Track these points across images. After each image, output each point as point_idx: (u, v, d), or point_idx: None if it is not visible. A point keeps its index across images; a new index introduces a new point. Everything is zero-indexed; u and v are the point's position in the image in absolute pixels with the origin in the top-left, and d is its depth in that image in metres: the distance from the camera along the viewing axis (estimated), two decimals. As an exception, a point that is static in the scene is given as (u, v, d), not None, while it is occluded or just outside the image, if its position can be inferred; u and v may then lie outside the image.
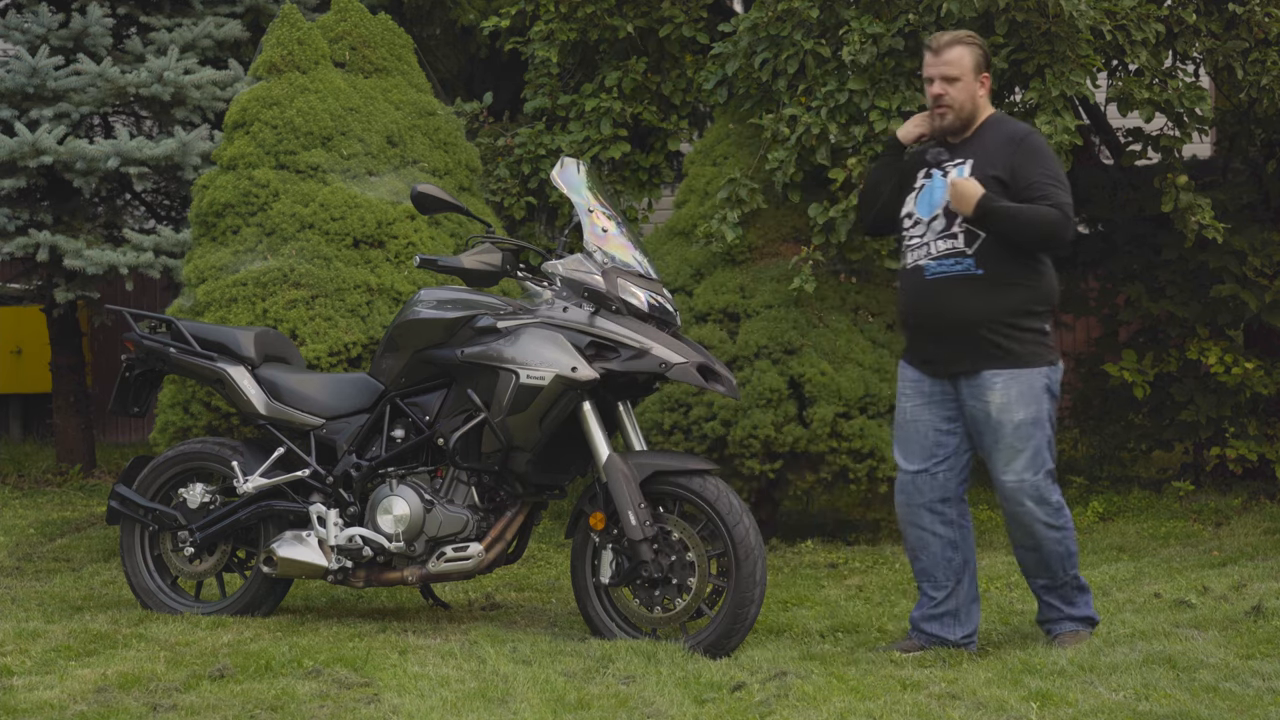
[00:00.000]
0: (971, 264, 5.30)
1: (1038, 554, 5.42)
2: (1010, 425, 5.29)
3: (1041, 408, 5.32)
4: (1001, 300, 5.29)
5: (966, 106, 5.41)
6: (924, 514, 5.48)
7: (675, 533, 5.53)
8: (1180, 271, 8.54)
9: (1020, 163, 5.31)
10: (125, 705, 4.77)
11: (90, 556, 7.47)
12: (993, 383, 5.30)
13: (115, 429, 12.76)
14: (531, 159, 8.45)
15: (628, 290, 5.64)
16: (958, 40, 5.43)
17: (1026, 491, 5.34)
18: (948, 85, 5.39)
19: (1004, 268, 5.30)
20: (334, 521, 5.88)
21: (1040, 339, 5.35)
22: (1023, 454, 5.31)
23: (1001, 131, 5.43)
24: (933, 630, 5.49)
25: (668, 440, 7.26)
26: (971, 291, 5.29)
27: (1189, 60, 7.80)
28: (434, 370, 5.86)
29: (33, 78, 9.11)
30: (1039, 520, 5.36)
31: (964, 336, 5.31)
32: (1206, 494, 8.62)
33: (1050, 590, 5.48)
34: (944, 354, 5.39)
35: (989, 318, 5.28)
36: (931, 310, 5.37)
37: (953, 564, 5.49)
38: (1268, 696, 4.76)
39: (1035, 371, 5.31)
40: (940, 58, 5.41)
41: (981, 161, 5.34)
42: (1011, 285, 5.31)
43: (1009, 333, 5.29)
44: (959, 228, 5.32)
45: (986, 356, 5.30)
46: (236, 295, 6.89)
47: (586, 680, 5.04)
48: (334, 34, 7.65)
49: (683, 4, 8.44)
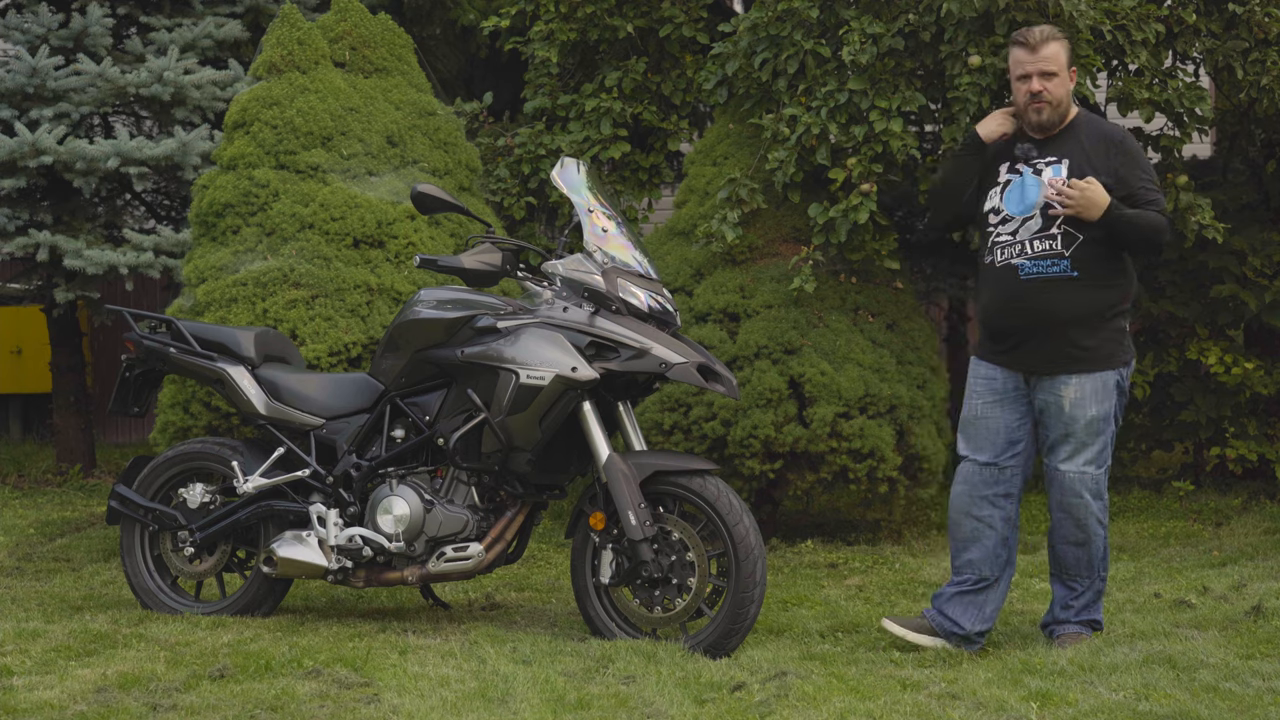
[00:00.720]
0: (1068, 265, 5.32)
1: (1085, 550, 5.45)
2: (1083, 420, 5.35)
3: (1111, 406, 5.39)
4: (1094, 302, 5.34)
5: (1065, 102, 5.41)
6: (986, 506, 5.50)
7: (675, 533, 5.53)
8: (1180, 271, 8.54)
9: (1122, 166, 5.34)
10: (125, 705, 4.77)
11: (90, 556, 7.47)
12: (1068, 379, 5.35)
13: (115, 429, 12.76)
14: (531, 159, 8.45)
15: (628, 290, 5.64)
16: (1054, 36, 5.41)
17: (1087, 484, 5.39)
18: (1046, 81, 5.37)
19: (1097, 269, 5.34)
20: (334, 521, 5.88)
21: (1120, 338, 5.42)
22: (1090, 448, 5.38)
23: (1097, 131, 5.42)
24: (952, 614, 5.49)
25: (668, 440, 7.26)
26: (1068, 293, 5.32)
27: (1189, 60, 7.80)
28: (434, 370, 5.86)
29: (33, 78, 9.11)
30: (1094, 515, 5.41)
31: (1056, 336, 5.35)
32: (1206, 494, 8.62)
33: (1078, 592, 5.50)
34: (1029, 351, 5.40)
35: (1081, 318, 5.33)
36: (1025, 309, 5.37)
37: (999, 560, 5.52)
38: (1268, 696, 4.76)
39: (1110, 372, 5.38)
40: (1038, 54, 5.37)
41: (1079, 162, 5.34)
42: (1104, 287, 5.36)
43: (1096, 333, 5.35)
44: (1058, 229, 5.32)
45: (1070, 356, 5.34)
46: (236, 295, 6.89)
47: (586, 680, 5.04)
48: (334, 34, 7.65)
49: (683, 4, 8.44)
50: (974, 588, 5.51)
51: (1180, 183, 7.39)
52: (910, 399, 7.36)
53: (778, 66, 7.43)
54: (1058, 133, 5.43)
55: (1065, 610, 5.52)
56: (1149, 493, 8.77)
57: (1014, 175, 5.44)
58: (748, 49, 7.55)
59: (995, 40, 6.99)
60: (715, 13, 8.88)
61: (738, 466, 7.22)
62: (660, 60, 8.57)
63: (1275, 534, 7.60)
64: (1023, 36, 5.43)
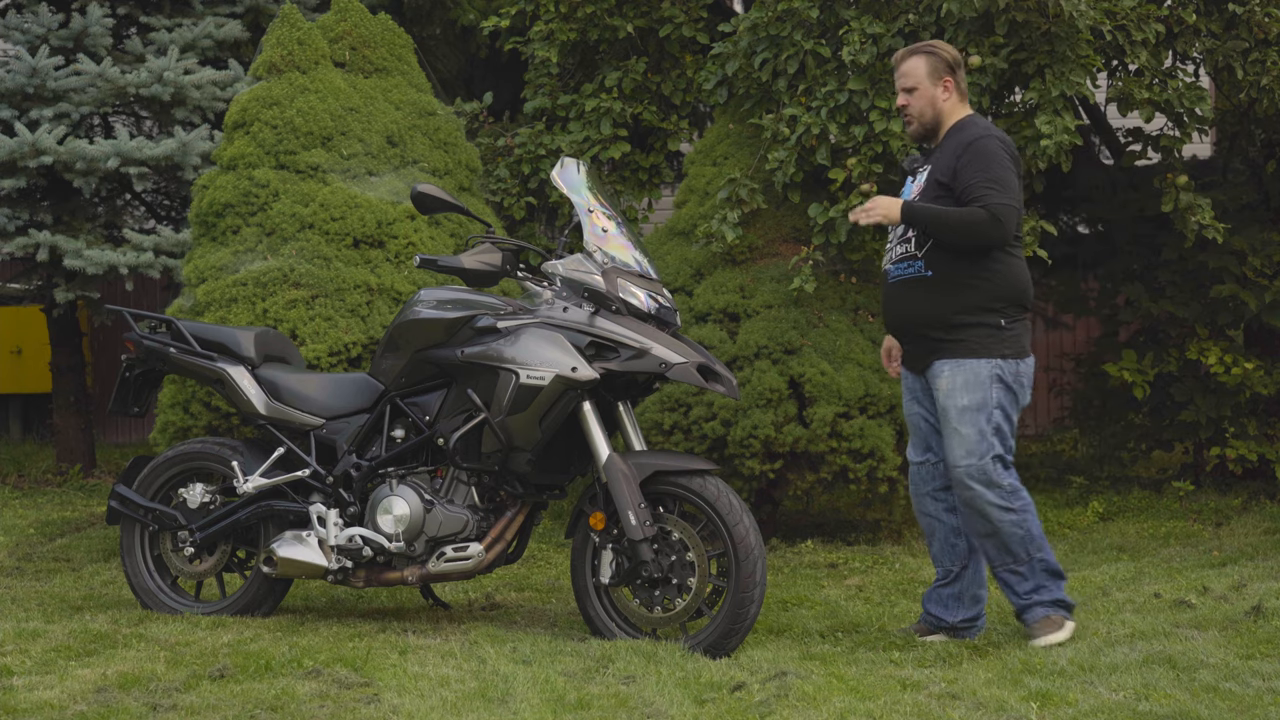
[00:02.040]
0: (921, 266, 5.53)
1: (996, 539, 5.52)
2: (955, 410, 5.47)
3: (988, 395, 5.46)
4: (950, 301, 5.48)
5: (927, 113, 5.63)
6: (929, 501, 5.70)
7: (675, 533, 5.53)
8: (1180, 271, 8.54)
9: (962, 166, 5.48)
10: (125, 705, 4.77)
11: (90, 556, 7.47)
12: (940, 371, 5.52)
13: (115, 429, 12.76)
14: (531, 159, 8.45)
15: (628, 290, 5.64)
16: (913, 51, 5.67)
17: (973, 475, 5.46)
18: (908, 96, 5.64)
19: (952, 268, 5.48)
20: (334, 521, 5.88)
21: (993, 333, 5.47)
22: (966, 439, 5.46)
23: (959, 137, 5.58)
24: (934, 610, 5.67)
25: (668, 440, 7.26)
26: (922, 293, 5.53)
27: (1189, 60, 7.80)
28: (434, 370, 5.86)
29: (33, 78, 9.11)
30: (990, 503, 5.47)
31: (918, 335, 5.57)
32: (1206, 494, 8.62)
33: (1019, 577, 5.53)
34: (909, 351, 5.67)
35: (937, 319, 5.50)
36: (893, 311, 5.66)
37: (957, 549, 5.66)
38: (1268, 696, 4.76)
39: (982, 361, 5.46)
40: (899, 71, 5.67)
41: (937, 167, 5.56)
42: (960, 285, 5.48)
43: (956, 331, 5.48)
44: (912, 232, 5.55)
45: (936, 350, 5.52)
46: (236, 295, 6.89)
47: (586, 680, 5.04)
48: (334, 34, 7.65)
49: (683, 4, 8.44)
50: (944, 582, 5.69)
51: (1180, 183, 7.39)
52: (910, 399, 7.36)
53: (778, 66, 7.43)
54: (940, 141, 5.65)
55: (1020, 599, 5.56)
56: (1149, 493, 8.77)
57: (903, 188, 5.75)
58: (748, 49, 7.55)
59: (995, 40, 6.99)
60: (715, 13, 8.88)
61: (738, 466, 7.22)
62: (660, 60, 8.57)
63: (1275, 534, 7.60)
64: (895, 56, 5.74)
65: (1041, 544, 5.54)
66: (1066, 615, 5.53)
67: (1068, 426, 10.30)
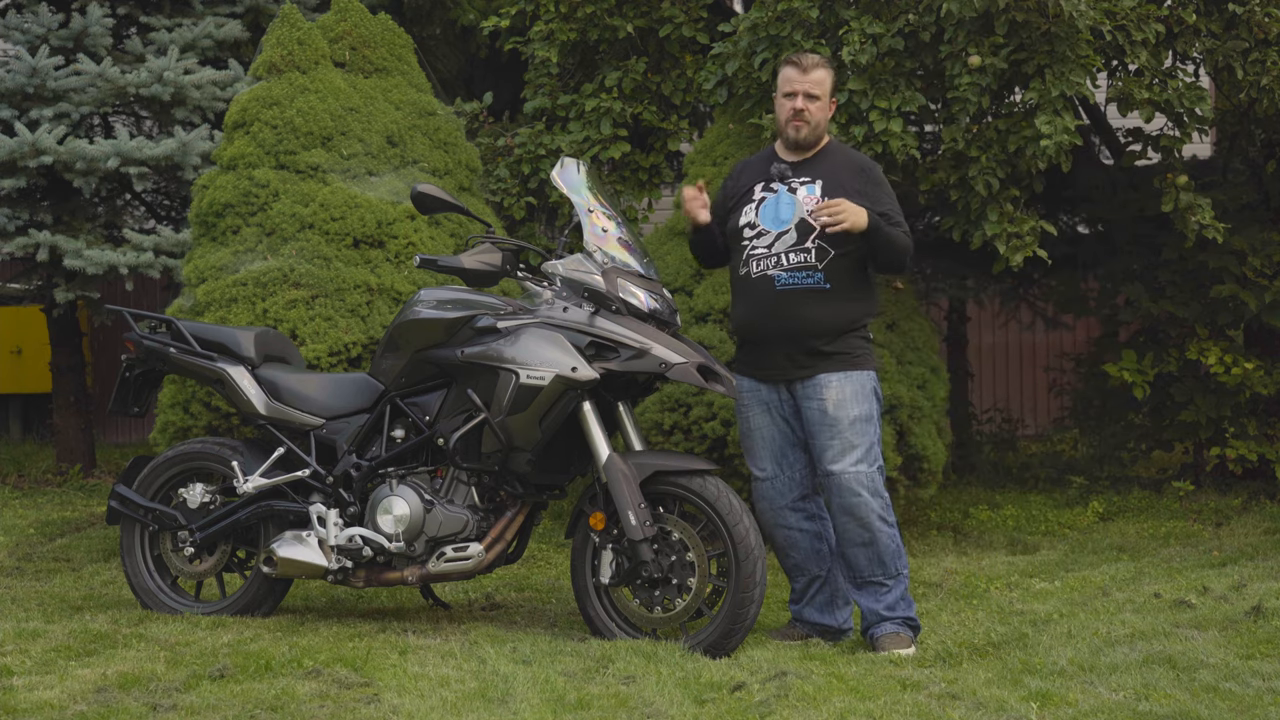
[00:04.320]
0: (821, 278, 5.58)
1: (872, 549, 5.57)
2: (846, 420, 5.54)
3: (873, 406, 5.62)
4: (845, 313, 5.61)
5: (822, 127, 5.73)
6: (788, 514, 5.71)
7: (675, 533, 5.53)
8: (1180, 271, 8.54)
9: (872, 190, 5.65)
10: (125, 705, 4.77)
11: (90, 556, 7.47)
12: (828, 382, 5.57)
13: (115, 429, 12.77)
14: (531, 159, 8.45)
15: (628, 290, 5.64)
16: (824, 64, 5.77)
17: (863, 482, 5.53)
18: (810, 102, 5.70)
19: (847, 282, 5.62)
20: (334, 521, 5.88)
21: (868, 346, 5.69)
22: (858, 447, 5.55)
23: (847, 159, 5.78)
24: (814, 618, 5.72)
25: (668, 440, 7.26)
26: (819, 303, 5.58)
27: (1189, 60, 7.79)
28: (434, 370, 5.86)
29: (33, 78, 9.11)
30: (874, 512, 5.54)
31: (809, 345, 5.58)
32: (1206, 494, 8.63)
33: (884, 589, 5.57)
34: (784, 361, 5.63)
35: (833, 328, 5.59)
36: (779, 317, 5.61)
37: (821, 553, 5.73)
38: (1268, 696, 4.76)
39: (865, 374, 5.62)
40: (808, 75, 5.72)
41: (832, 184, 5.63)
42: (852, 300, 5.63)
43: (844, 343, 5.59)
44: (811, 244, 5.59)
45: (824, 361, 5.57)
46: (236, 295, 6.89)
47: (586, 680, 5.04)
48: (334, 34, 7.65)
49: (683, 4, 8.43)
50: (815, 590, 5.72)
51: (1180, 183, 7.39)
52: (910, 399, 7.36)
53: (777, 66, 7.42)
54: (811, 156, 5.73)
55: (874, 614, 5.57)
56: (1149, 493, 8.78)
57: (769, 193, 5.70)
58: (748, 49, 7.55)
59: (995, 40, 6.99)
60: (715, 13, 8.87)
61: (738, 466, 7.21)
62: (660, 60, 8.57)
63: (1275, 534, 7.60)
64: (796, 58, 5.80)
65: (906, 562, 5.64)
66: (913, 636, 5.57)
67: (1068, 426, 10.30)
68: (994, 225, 7.15)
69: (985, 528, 8.00)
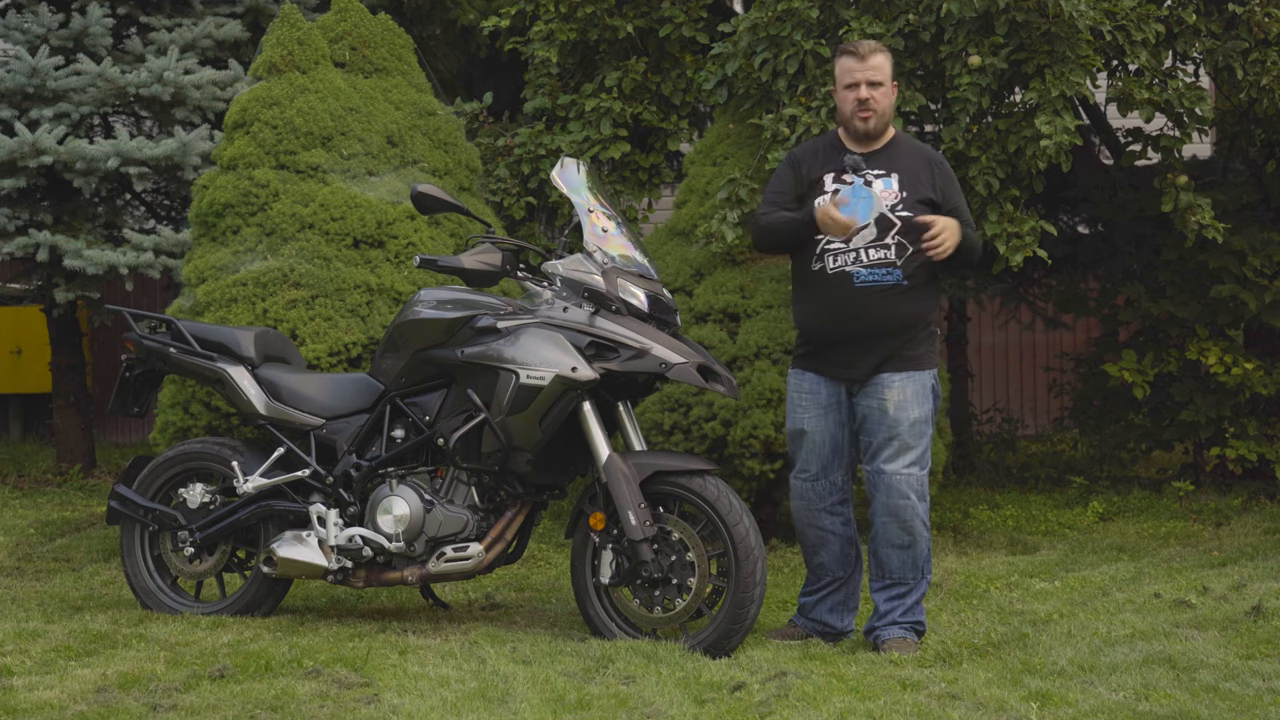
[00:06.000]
0: (900, 275, 5.52)
1: (910, 552, 5.56)
2: (906, 422, 5.51)
3: (931, 409, 5.59)
4: (920, 310, 5.58)
5: (888, 114, 5.63)
6: (824, 516, 5.67)
7: (675, 533, 5.53)
8: (1180, 271, 8.55)
9: (946, 186, 5.60)
10: (125, 705, 4.77)
11: (90, 556, 7.47)
12: (890, 381, 5.52)
13: (115, 429, 12.76)
14: (531, 159, 8.45)
15: (628, 290, 5.64)
16: (881, 49, 5.64)
17: (913, 485, 5.52)
18: (873, 90, 5.57)
19: (921, 279, 5.58)
20: (334, 521, 5.88)
21: (934, 343, 5.65)
22: (914, 449, 5.52)
23: (917, 151, 5.68)
24: (822, 616, 5.70)
25: (668, 440, 7.26)
26: (898, 300, 5.52)
27: (1189, 60, 7.80)
28: (434, 370, 5.86)
29: (33, 78, 9.11)
30: (919, 517, 5.54)
31: (885, 342, 5.52)
32: (1206, 494, 8.63)
33: (909, 590, 5.57)
34: (856, 358, 5.55)
35: (910, 325, 5.54)
36: (858, 315, 5.52)
37: (849, 557, 5.71)
38: (1268, 696, 4.76)
39: (926, 373, 5.57)
40: (867, 63, 5.58)
41: (909, 180, 5.55)
42: (927, 296, 5.61)
43: (917, 343, 5.56)
44: (892, 239, 5.52)
45: (891, 360, 5.52)
46: (236, 295, 6.89)
47: (586, 680, 5.04)
48: (334, 34, 7.64)
49: (683, 4, 8.43)
50: (832, 589, 5.69)
51: (1180, 183, 7.39)
52: (910, 399, 7.35)
53: (778, 66, 7.43)
54: (881, 147, 5.62)
55: (889, 615, 5.56)
56: (1149, 493, 8.77)
57: (842, 184, 5.56)
58: (748, 49, 7.55)
59: (995, 40, 6.99)
60: (715, 13, 8.87)
61: (738, 466, 7.22)
62: (660, 60, 8.57)
63: (1275, 534, 7.60)
64: (852, 47, 5.64)
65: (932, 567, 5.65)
66: (918, 640, 5.56)
67: (1068, 426, 10.30)
68: (994, 225, 7.15)
69: (985, 528, 8.00)
